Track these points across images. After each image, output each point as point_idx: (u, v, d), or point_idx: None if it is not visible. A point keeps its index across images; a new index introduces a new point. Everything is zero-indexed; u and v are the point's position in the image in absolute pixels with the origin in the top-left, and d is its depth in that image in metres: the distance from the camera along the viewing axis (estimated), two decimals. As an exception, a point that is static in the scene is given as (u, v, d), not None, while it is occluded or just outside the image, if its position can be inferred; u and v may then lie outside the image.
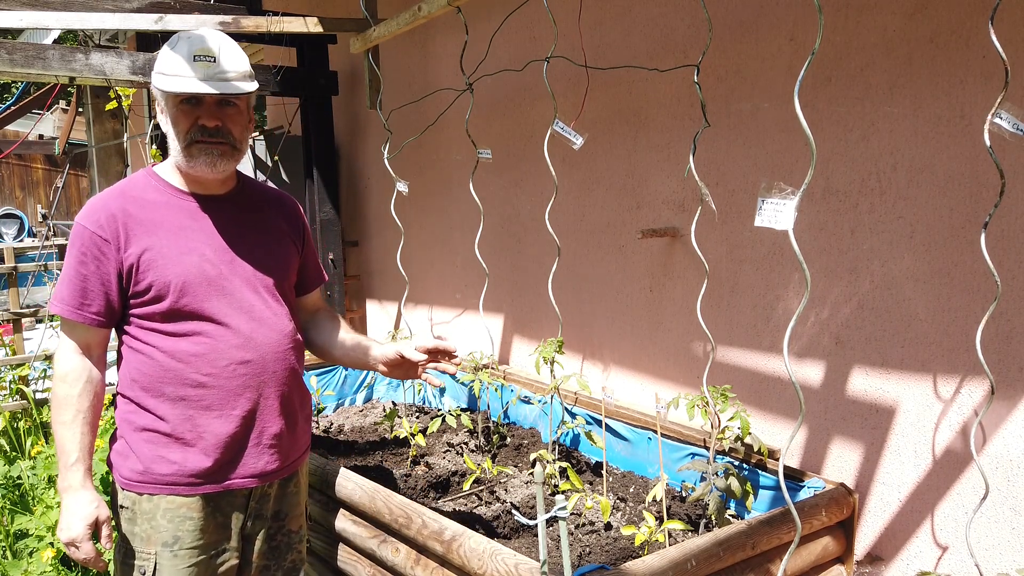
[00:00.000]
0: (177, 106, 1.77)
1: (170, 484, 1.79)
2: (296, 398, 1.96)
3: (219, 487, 1.82)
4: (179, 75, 1.73)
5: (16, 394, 3.86)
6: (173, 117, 1.78)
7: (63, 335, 1.81)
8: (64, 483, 1.77)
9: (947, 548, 2.20)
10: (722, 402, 2.29)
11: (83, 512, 1.76)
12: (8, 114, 7.73)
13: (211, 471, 1.81)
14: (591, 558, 2.23)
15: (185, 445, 1.79)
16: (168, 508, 1.79)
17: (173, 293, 1.76)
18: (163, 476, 1.78)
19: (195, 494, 1.80)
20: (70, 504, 1.76)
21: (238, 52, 1.80)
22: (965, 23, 2.06)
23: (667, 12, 2.88)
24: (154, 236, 1.78)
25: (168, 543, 1.79)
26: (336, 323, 2.16)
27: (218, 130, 1.78)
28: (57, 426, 1.77)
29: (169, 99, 1.77)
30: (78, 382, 1.77)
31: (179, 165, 1.83)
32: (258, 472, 1.87)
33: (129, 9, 3.51)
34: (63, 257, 1.84)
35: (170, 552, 1.79)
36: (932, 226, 2.17)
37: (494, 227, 3.81)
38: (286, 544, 1.99)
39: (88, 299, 1.76)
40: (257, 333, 1.85)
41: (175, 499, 1.79)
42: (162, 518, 1.79)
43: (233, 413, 1.81)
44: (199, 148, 1.78)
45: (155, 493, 1.79)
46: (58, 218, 12.62)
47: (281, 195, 2.09)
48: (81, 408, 1.77)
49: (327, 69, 4.54)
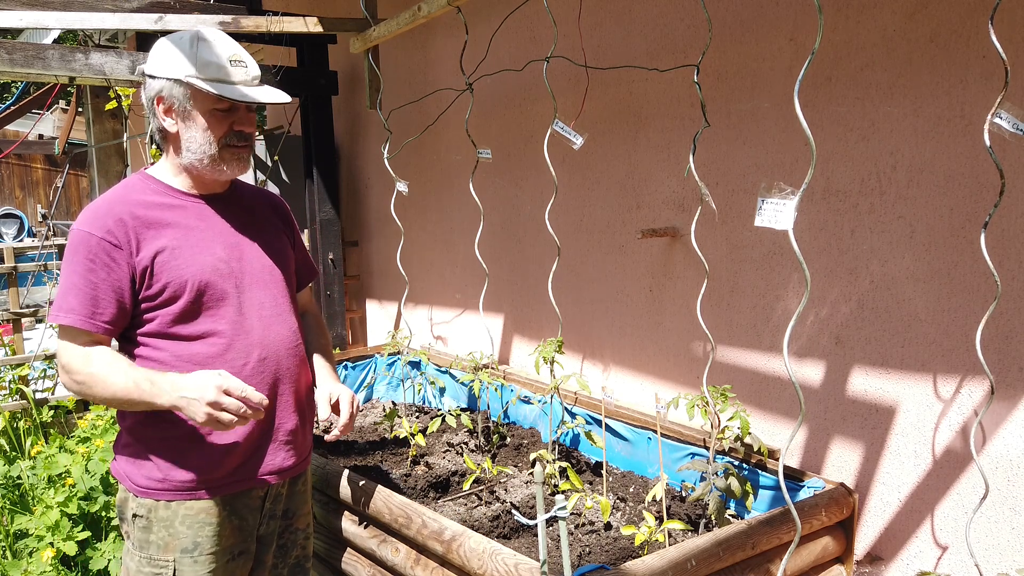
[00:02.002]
0: (211, 112, 1.75)
1: (190, 489, 1.78)
2: (306, 393, 1.98)
3: (240, 487, 1.82)
4: (222, 80, 1.73)
5: (16, 394, 3.86)
6: (204, 123, 1.75)
7: (66, 344, 1.72)
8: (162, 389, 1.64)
9: (947, 548, 2.20)
10: (722, 402, 2.29)
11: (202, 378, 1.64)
12: (8, 114, 7.73)
13: (232, 471, 1.81)
14: (591, 558, 2.23)
15: (205, 447, 1.78)
16: (187, 514, 1.78)
17: (190, 292, 1.75)
18: (183, 482, 1.77)
19: (216, 496, 1.79)
20: (182, 385, 1.64)
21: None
22: (965, 23, 2.06)
23: (667, 12, 2.88)
24: (166, 238, 1.76)
25: (188, 549, 1.77)
26: (316, 334, 2.15)
27: (249, 135, 1.82)
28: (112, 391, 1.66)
29: (202, 104, 1.74)
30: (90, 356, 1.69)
31: (195, 168, 1.80)
32: (276, 468, 1.87)
33: (129, 9, 3.51)
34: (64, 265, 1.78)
35: (190, 558, 1.78)
36: (932, 226, 2.17)
37: (494, 227, 3.81)
38: (292, 542, 2.01)
39: (100, 307, 1.70)
40: (270, 330, 1.86)
41: (194, 504, 1.78)
42: (181, 524, 1.77)
43: None
44: (231, 153, 1.79)
45: (173, 499, 1.77)
46: (58, 218, 12.63)
47: (268, 192, 2.11)
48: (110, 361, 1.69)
49: (327, 69, 4.54)
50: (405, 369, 3.82)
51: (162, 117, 1.78)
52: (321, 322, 2.22)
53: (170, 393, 1.65)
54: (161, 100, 1.77)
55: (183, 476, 1.77)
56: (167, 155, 1.85)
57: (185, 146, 1.78)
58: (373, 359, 3.97)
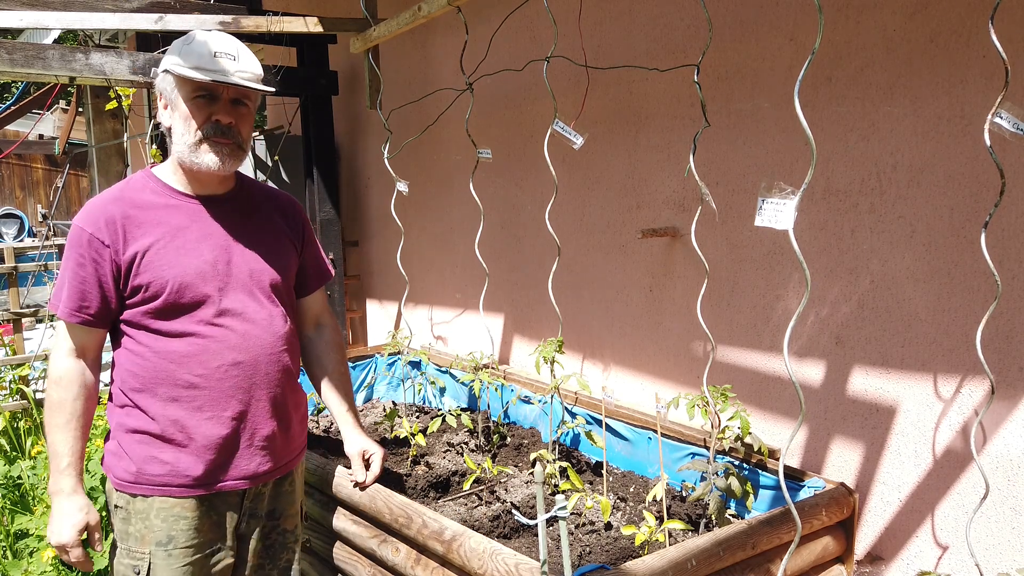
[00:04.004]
0: (192, 100, 1.76)
1: (162, 485, 1.79)
2: (290, 399, 1.95)
3: (211, 490, 1.82)
4: (201, 67, 1.73)
5: (16, 394, 3.86)
6: (186, 111, 1.76)
7: (59, 337, 1.80)
8: (55, 487, 1.77)
9: (947, 548, 2.20)
10: (722, 402, 2.29)
11: (73, 519, 1.77)
12: (8, 114, 7.73)
13: (203, 473, 1.81)
14: (591, 558, 2.23)
15: (177, 446, 1.79)
16: (162, 508, 1.79)
17: (169, 292, 1.76)
18: (155, 477, 1.79)
19: (187, 496, 1.80)
20: (61, 508, 1.77)
21: (254, 56, 1.84)
22: (965, 23, 2.06)
23: (667, 12, 2.88)
24: (152, 237, 1.78)
25: (162, 542, 1.79)
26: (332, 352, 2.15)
27: (230, 128, 1.79)
28: (50, 428, 1.77)
29: (184, 92, 1.76)
30: (72, 385, 1.78)
31: (182, 162, 1.81)
32: (249, 474, 1.87)
33: (129, 9, 3.51)
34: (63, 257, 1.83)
35: (164, 551, 1.79)
36: (932, 226, 2.17)
37: (494, 227, 3.81)
38: (281, 543, 2.00)
39: (87, 301, 1.76)
40: (250, 334, 1.85)
41: (168, 499, 1.79)
42: (156, 517, 1.79)
43: (224, 415, 1.81)
44: (211, 144, 1.77)
45: (148, 495, 1.79)
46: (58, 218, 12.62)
47: (280, 194, 2.09)
48: (75, 412, 1.77)
49: (327, 69, 4.54)
50: (405, 369, 3.82)
51: (161, 112, 1.83)
52: (338, 338, 2.19)
53: (51, 494, 1.79)
54: (160, 95, 1.82)
55: (155, 471, 1.79)
56: (170, 153, 1.88)
57: (173, 138, 1.81)
58: (373, 359, 3.97)
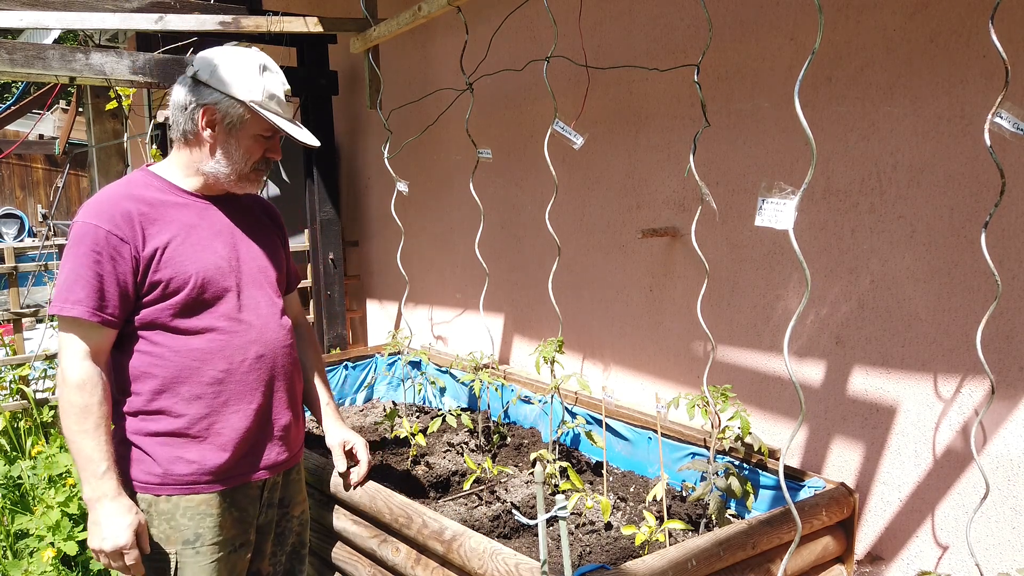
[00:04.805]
0: (256, 137, 1.85)
1: (190, 484, 1.80)
2: (298, 389, 2.05)
3: (237, 481, 1.86)
4: (280, 114, 1.86)
5: (16, 394, 3.86)
6: (249, 145, 1.85)
7: (71, 338, 1.72)
8: (96, 492, 1.70)
9: (947, 548, 2.20)
10: (722, 402, 2.29)
11: (126, 519, 1.71)
12: (8, 114, 7.72)
13: (230, 466, 1.84)
14: (591, 558, 2.23)
15: (203, 443, 1.81)
16: (188, 507, 1.80)
17: (192, 287, 1.78)
18: (183, 476, 1.80)
19: (215, 490, 1.82)
20: (108, 512, 1.70)
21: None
22: (965, 22, 2.06)
23: (667, 12, 2.88)
24: (169, 233, 1.79)
25: (190, 541, 1.80)
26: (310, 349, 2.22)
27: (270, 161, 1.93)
28: (79, 435, 1.70)
29: (255, 128, 1.84)
30: (96, 389, 1.71)
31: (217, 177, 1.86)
32: (271, 463, 1.93)
33: (129, 9, 3.51)
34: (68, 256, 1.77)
35: (192, 550, 1.80)
36: (932, 225, 2.17)
37: (494, 227, 3.81)
38: (288, 529, 2.06)
39: (106, 299, 1.71)
40: (266, 328, 1.91)
41: (194, 497, 1.81)
42: (182, 516, 1.80)
43: (250, 407, 1.86)
44: (256, 175, 1.91)
45: (174, 494, 1.80)
46: (58, 218, 12.62)
47: (259, 197, 2.17)
48: (102, 416, 1.72)
49: (327, 69, 4.54)
50: (405, 369, 3.82)
51: (201, 125, 1.81)
52: (313, 337, 2.29)
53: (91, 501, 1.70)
54: (209, 111, 1.80)
55: (182, 471, 1.79)
56: (180, 154, 1.88)
57: (217, 158, 1.84)
58: (373, 359, 3.97)
